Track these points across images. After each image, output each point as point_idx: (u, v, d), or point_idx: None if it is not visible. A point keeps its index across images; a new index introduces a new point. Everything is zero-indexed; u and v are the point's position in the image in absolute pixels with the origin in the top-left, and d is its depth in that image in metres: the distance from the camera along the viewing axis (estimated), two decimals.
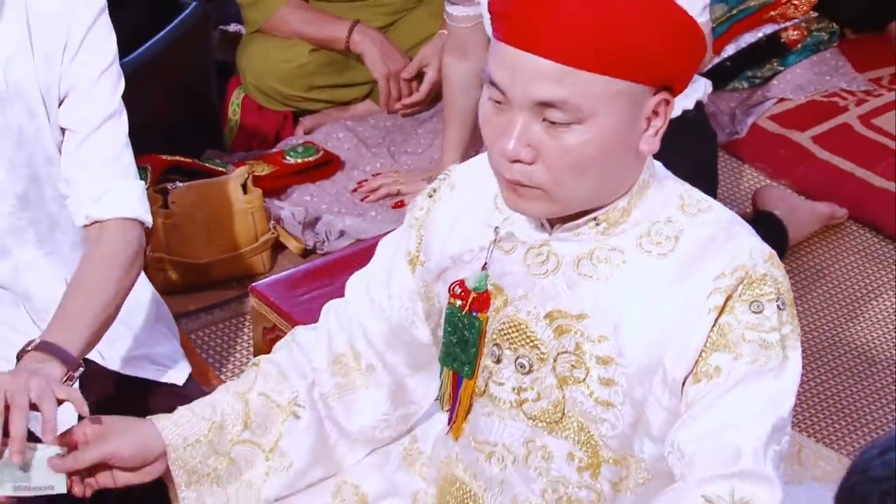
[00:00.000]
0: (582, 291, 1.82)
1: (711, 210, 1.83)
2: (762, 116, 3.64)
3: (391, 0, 3.54)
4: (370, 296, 2.01)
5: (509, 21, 1.70)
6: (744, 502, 1.71)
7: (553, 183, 1.72)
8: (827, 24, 3.88)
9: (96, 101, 2.31)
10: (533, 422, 1.88)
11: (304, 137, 3.44)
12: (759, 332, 1.75)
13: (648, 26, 1.69)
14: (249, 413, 1.99)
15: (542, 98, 1.67)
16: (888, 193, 3.38)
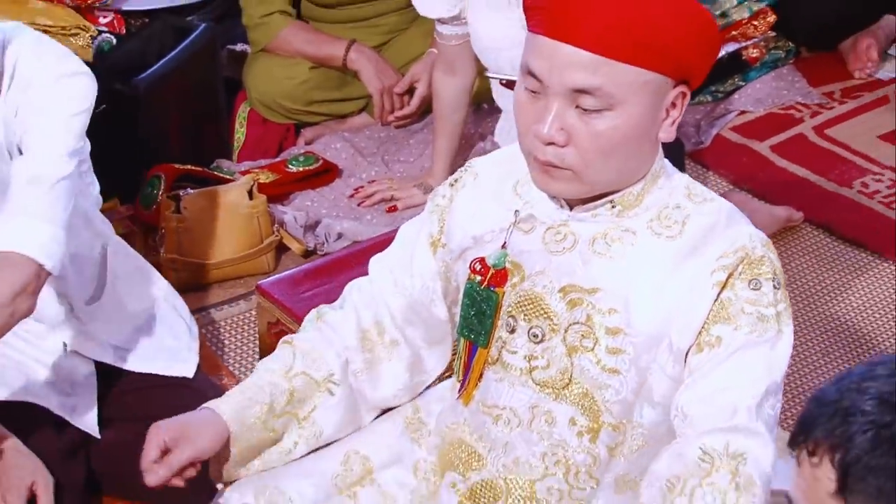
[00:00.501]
0: (595, 268, 1.85)
1: (715, 200, 1.87)
2: (725, 127, 3.64)
3: (385, 21, 3.52)
4: (393, 276, 2.04)
5: (547, 15, 1.73)
6: (737, 453, 1.73)
7: (583, 165, 1.76)
8: (784, 43, 3.88)
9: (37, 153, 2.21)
10: (540, 388, 1.90)
11: (305, 147, 3.43)
12: (757, 306, 1.79)
13: (677, 23, 1.73)
14: (293, 391, 2.00)
15: (578, 85, 1.71)
16: (841, 198, 3.39)
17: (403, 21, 3.51)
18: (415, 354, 2.06)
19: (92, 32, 3.18)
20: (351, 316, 2.05)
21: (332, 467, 2.00)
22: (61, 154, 2.18)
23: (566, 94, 1.72)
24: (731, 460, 1.74)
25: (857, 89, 3.78)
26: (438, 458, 2.00)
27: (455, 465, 1.97)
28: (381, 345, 2.05)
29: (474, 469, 1.96)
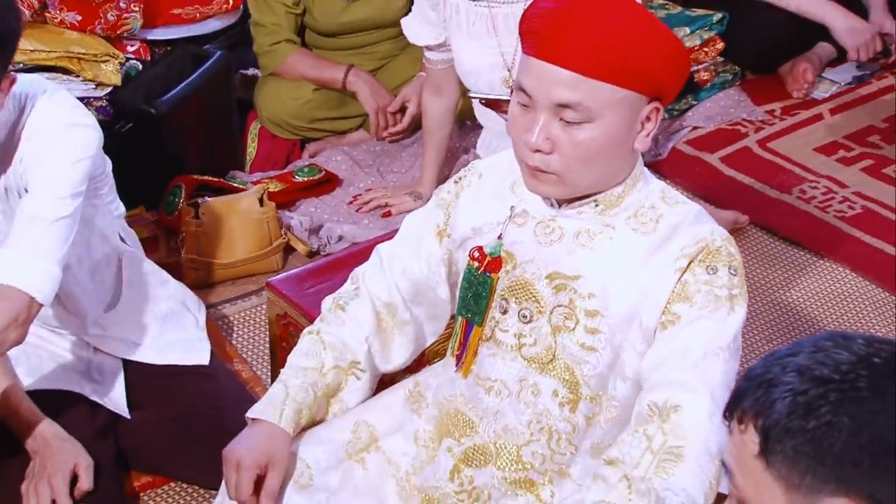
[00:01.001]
0: (578, 258, 1.87)
1: (686, 203, 1.89)
2: (680, 141, 3.63)
3: (379, 48, 3.51)
4: (403, 264, 2.05)
5: (538, 39, 1.76)
6: (671, 405, 1.77)
7: (565, 169, 1.78)
8: (731, 67, 3.87)
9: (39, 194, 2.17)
10: (528, 363, 1.91)
11: (309, 160, 3.42)
12: (711, 286, 1.81)
13: (650, 48, 1.76)
14: (328, 385, 2.02)
15: (561, 100, 1.73)
16: (782, 203, 3.38)
17: (395, 48, 3.50)
18: (418, 329, 2.08)
19: (120, 59, 3.16)
20: (367, 303, 2.04)
21: (343, 436, 1.99)
22: (61, 196, 2.15)
23: (551, 107, 1.74)
24: (666, 411, 1.77)
25: (795, 107, 3.77)
26: (435, 426, 2.00)
27: (451, 432, 1.97)
28: (393, 324, 2.06)
29: (468, 435, 1.95)
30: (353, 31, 3.43)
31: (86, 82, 3.10)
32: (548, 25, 1.73)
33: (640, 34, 1.74)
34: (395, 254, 2.05)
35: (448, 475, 1.95)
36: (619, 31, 1.72)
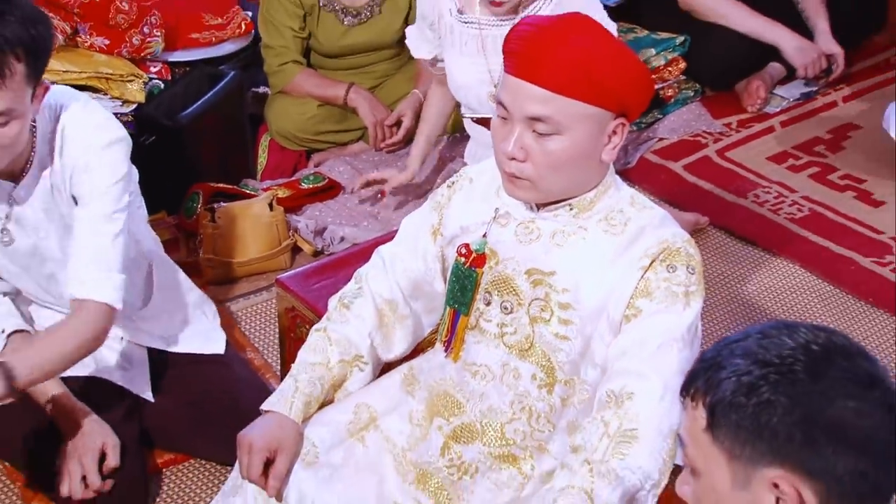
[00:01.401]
0: (554, 255, 1.86)
1: (653, 209, 1.89)
2: (647, 151, 3.61)
3: (377, 68, 3.50)
4: (403, 263, 2.04)
5: (515, 59, 1.76)
6: (625, 392, 1.77)
7: (538, 176, 1.78)
8: (692, 84, 3.86)
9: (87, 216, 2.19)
10: (509, 349, 1.91)
11: (314, 169, 3.41)
12: (670, 283, 1.81)
13: (616, 70, 1.76)
14: (335, 378, 2.02)
15: (533, 114, 1.74)
16: (738, 207, 3.37)
17: (392, 68, 3.49)
18: (417, 322, 2.07)
19: (144, 79, 3.18)
20: (369, 301, 2.04)
21: (345, 417, 1.99)
22: (113, 213, 2.17)
23: (525, 120, 1.74)
24: (621, 398, 1.77)
25: (750, 121, 3.76)
26: (427, 407, 2.00)
27: (441, 412, 1.97)
28: (395, 319, 2.05)
29: (456, 415, 1.95)
30: (353, 53, 3.42)
31: (113, 100, 3.11)
32: (524, 47, 1.74)
33: (607, 57, 1.74)
34: (395, 254, 2.04)
35: (439, 451, 1.94)
36: (587, 54, 1.72)
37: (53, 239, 2.24)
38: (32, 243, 2.23)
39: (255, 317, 2.91)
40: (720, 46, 3.72)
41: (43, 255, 2.26)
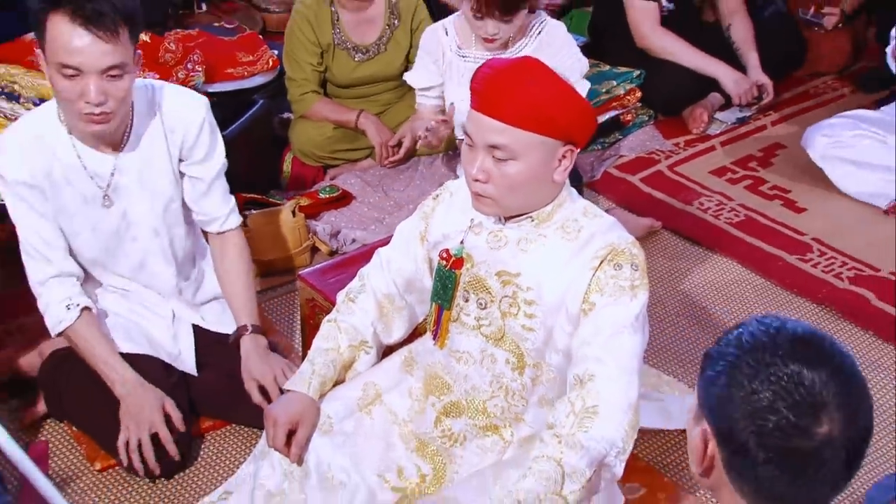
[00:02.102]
0: (519, 259, 1.87)
1: (603, 217, 1.89)
2: (610, 166, 3.60)
3: (383, 97, 3.47)
4: (398, 263, 2.05)
5: (477, 96, 1.77)
6: (587, 375, 1.78)
7: (498, 195, 1.79)
8: (647, 110, 3.84)
9: (213, 167, 2.31)
10: (486, 339, 1.93)
11: (330, 182, 3.39)
12: (616, 280, 1.81)
13: (561, 107, 1.76)
14: (345, 361, 2.03)
15: (493, 142, 1.75)
16: (686, 213, 3.37)
17: (395, 97, 3.47)
18: (412, 312, 2.07)
19: None
20: (371, 296, 2.05)
21: (354, 393, 2.01)
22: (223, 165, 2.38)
23: (486, 147, 1.75)
24: (584, 381, 1.78)
25: (695, 141, 3.75)
26: (423, 384, 2.01)
27: (433, 391, 1.99)
28: (393, 310, 2.06)
29: (445, 394, 1.98)
30: (363, 84, 3.41)
31: None
32: (485, 86, 1.75)
33: (554, 96, 1.74)
34: (391, 256, 2.05)
35: (433, 424, 1.98)
36: (537, 93, 1.73)
37: (144, 204, 2.25)
38: (124, 208, 2.24)
39: (280, 306, 2.91)
40: (670, 79, 3.73)
41: (130, 220, 2.26)
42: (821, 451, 1.09)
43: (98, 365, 2.22)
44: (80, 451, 2.37)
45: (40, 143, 2.13)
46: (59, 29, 1.93)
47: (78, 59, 1.93)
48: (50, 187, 2.16)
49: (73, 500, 2.25)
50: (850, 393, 1.11)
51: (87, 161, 2.16)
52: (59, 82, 1.98)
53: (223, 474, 2.30)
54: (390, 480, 1.92)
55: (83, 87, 1.96)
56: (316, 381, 1.96)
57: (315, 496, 1.90)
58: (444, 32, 2.81)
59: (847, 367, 1.13)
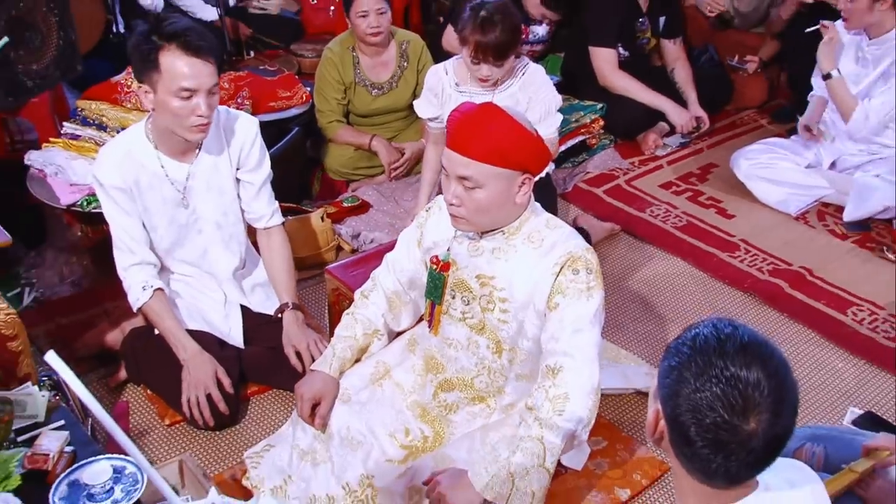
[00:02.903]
0: (494, 265, 1.85)
1: (563, 227, 1.87)
2: (579, 181, 3.60)
3: (393, 125, 3.46)
4: (401, 265, 2.03)
5: (449, 136, 1.76)
6: (557, 366, 1.77)
7: (469, 216, 1.79)
8: (608, 135, 3.83)
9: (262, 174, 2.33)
10: (470, 328, 1.91)
11: (351, 193, 3.39)
12: (575, 283, 1.79)
13: (518, 145, 1.75)
14: (361, 346, 2.03)
15: (461, 174, 1.74)
16: (640, 219, 3.36)
17: (404, 125, 3.47)
18: (416, 304, 2.05)
19: None
20: (381, 293, 2.05)
21: (368, 370, 2.01)
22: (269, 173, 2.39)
23: (457, 178, 1.74)
24: (554, 371, 1.77)
25: (646, 161, 3.75)
26: (423, 362, 2.01)
27: (431, 370, 1.99)
28: (400, 304, 2.05)
29: (440, 372, 1.97)
30: (378, 114, 3.42)
31: None
32: (454, 128, 1.74)
33: (510, 135, 1.72)
34: (395, 259, 2.04)
35: (432, 396, 1.97)
36: (496, 134, 1.71)
37: (210, 203, 2.29)
38: (195, 206, 2.28)
39: (311, 294, 2.90)
40: (626, 111, 3.74)
41: (198, 216, 2.29)
42: (748, 442, 1.08)
43: (166, 335, 2.25)
44: (153, 410, 2.39)
45: (130, 156, 2.19)
46: (174, 61, 2.01)
47: (194, 82, 2.02)
48: (137, 191, 2.21)
49: (147, 450, 2.26)
50: (779, 396, 1.09)
51: (168, 170, 2.21)
52: (173, 103, 2.04)
53: (266, 430, 2.31)
54: (399, 440, 1.91)
55: (195, 105, 2.05)
56: (336, 363, 1.98)
57: (338, 453, 1.91)
58: (445, 72, 2.81)
59: (781, 373, 1.11)
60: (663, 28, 3.82)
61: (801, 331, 2.78)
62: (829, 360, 2.65)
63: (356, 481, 1.87)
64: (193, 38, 2.01)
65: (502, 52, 2.56)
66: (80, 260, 2.80)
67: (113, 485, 1.60)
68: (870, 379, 2.57)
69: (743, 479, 1.15)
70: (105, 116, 2.80)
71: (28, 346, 1.90)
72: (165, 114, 2.08)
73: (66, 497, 1.58)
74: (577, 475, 2.10)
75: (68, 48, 2.70)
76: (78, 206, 2.68)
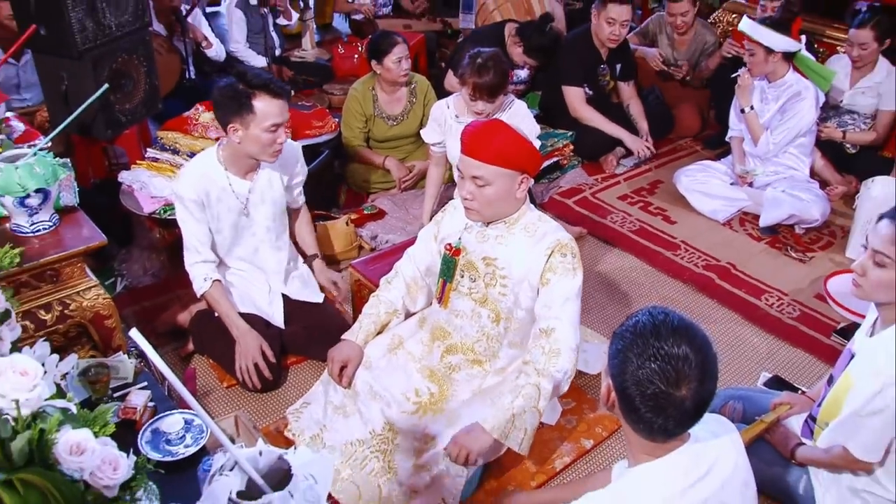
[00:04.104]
0: (497, 249, 1.84)
1: (551, 222, 1.86)
2: (553, 193, 3.59)
3: (405, 147, 3.46)
4: (421, 255, 2.00)
5: (464, 145, 1.75)
6: (550, 328, 1.75)
7: (480, 208, 1.78)
8: (577, 157, 3.83)
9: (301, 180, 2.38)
10: (474, 302, 1.89)
11: (371, 203, 3.37)
12: (563, 263, 1.78)
13: (518, 151, 1.74)
14: (383, 322, 2.00)
15: (473, 174, 1.74)
16: (603, 224, 3.36)
17: (413, 148, 3.47)
18: (428, 289, 2.03)
19: None
20: (401, 280, 2.04)
21: (386, 341, 2.00)
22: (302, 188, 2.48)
23: (470, 178, 1.75)
24: (547, 332, 1.77)
25: (607, 178, 3.75)
26: (430, 335, 2.00)
27: (438, 337, 1.98)
28: (417, 288, 2.04)
29: (447, 339, 1.97)
30: (392, 140, 3.41)
31: None
32: (468, 138, 1.75)
33: (512, 143, 1.73)
34: (416, 251, 2.04)
35: (439, 359, 1.97)
36: (501, 142, 1.72)
37: (263, 212, 2.32)
38: (252, 215, 2.31)
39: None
40: (592, 137, 3.75)
41: (253, 221, 2.32)
42: (680, 405, 1.11)
43: (223, 317, 2.28)
44: (214, 375, 2.40)
45: (205, 175, 2.23)
46: (266, 104, 2.09)
47: (281, 118, 2.11)
48: (208, 202, 2.25)
49: (210, 407, 2.27)
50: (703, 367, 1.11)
51: (234, 186, 2.26)
52: (263, 136, 2.12)
53: (303, 392, 2.27)
54: (410, 397, 1.91)
55: (278, 135, 2.13)
56: (362, 335, 1.99)
57: (364, 405, 1.93)
58: (447, 106, 2.84)
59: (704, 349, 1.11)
60: (619, 73, 3.84)
61: (726, 313, 2.81)
62: (747, 336, 2.70)
63: (380, 427, 1.88)
64: (276, 85, 2.10)
65: (494, 92, 2.59)
66: (158, 256, 2.84)
67: (185, 433, 1.64)
68: (777, 350, 2.63)
69: (678, 433, 1.18)
70: (178, 143, 2.85)
71: (119, 324, 1.92)
72: (253, 144, 2.13)
73: (150, 441, 1.63)
74: (551, 429, 2.12)
75: (152, 91, 2.79)
76: (156, 214, 2.73)
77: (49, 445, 1.02)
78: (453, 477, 1.80)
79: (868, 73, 3.44)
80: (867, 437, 1.63)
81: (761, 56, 3.11)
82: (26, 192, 1.75)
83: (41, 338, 1.59)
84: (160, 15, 3.81)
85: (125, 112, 2.69)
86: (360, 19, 5.08)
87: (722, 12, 4.36)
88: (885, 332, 1.66)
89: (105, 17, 2.47)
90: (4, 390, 1.00)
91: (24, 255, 1.72)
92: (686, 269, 3.03)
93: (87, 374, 1.71)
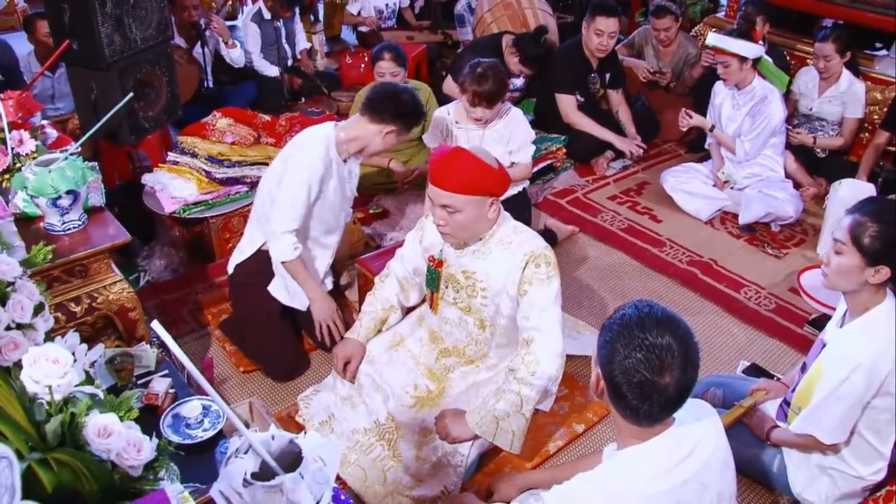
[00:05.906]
0: (475, 262, 1.82)
1: (525, 231, 1.83)
2: (547, 194, 3.59)
3: (408, 151, 3.45)
4: (408, 257, 1.99)
5: (432, 175, 1.72)
6: (530, 338, 1.73)
7: (453, 232, 1.76)
8: (569, 160, 3.82)
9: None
10: (460, 310, 1.89)
11: (376, 203, 3.36)
12: (538, 274, 1.75)
13: (483, 179, 1.71)
14: (382, 318, 2.00)
15: (443, 203, 1.72)
16: (594, 223, 3.36)
17: (415, 151, 3.45)
18: (420, 286, 2.03)
19: None
20: (394, 279, 2.05)
21: (387, 338, 2.01)
22: None
23: (440, 206, 1.73)
24: (528, 342, 1.76)
25: (598, 179, 3.75)
26: (428, 334, 2.00)
27: (434, 340, 1.99)
28: (408, 286, 2.04)
29: (440, 343, 1.98)
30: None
31: None
32: (434, 168, 1.72)
33: (476, 172, 1.70)
34: (404, 252, 2.03)
35: (434, 361, 1.97)
36: (465, 171, 1.69)
37: (338, 198, 2.29)
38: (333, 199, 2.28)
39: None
40: (583, 141, 3.75)
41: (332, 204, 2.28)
42: (664, 392, 1.11)
43: (300, 282, 2.22)
44: (231, 363, 2.40)
45: (327, 158, 2.19)
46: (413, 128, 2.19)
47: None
48: (325, 178, 2.20)
49: (226, 394, 2.26)
50: (686, 357, 1.10)
51: (339, 169, 2.26)
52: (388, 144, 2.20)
53: (314, 380, 2.30)
54: (409, 392, 1.91)
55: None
56: (363, 332, 1.99)
57: (369, 396, 1.94)
58: (447, 112, 2.85)
59: (686, 339, 1.11)
60: (609, 81, 3.84)
61: (708, 306, 2.82)
62: (728, 327, 2.71)
63: (384, 417, 1.89)
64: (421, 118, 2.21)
65: (493, 99, 2.60)
66: (178, 253, 2.85)
67: (203, 418, 1.66)
68: (755, 339, 2.64)
69: (663, 418, 1.18)
70: (197, 147, 2.86)
71: (142, 315, 1.93)
72: (383, 146, 2.21)
73: (171, 425, 1.65)
74: (545, 415, 2.13)
75: (173, 99, 2.82)
76: (177, 214, 2.73)
77: (79, 428, 1.03)
78: (454, 466, 1.80)
79: (833, 84, 3.50)
80: (832, 422, 1.66)
81: (736, 66, 3.16)
82: (58, 194, 1.77)
83: (71, 328, 1.62)
84: (181, 29, 3.86)
85: (148, 119, 2.73)
86: (367, 31, 5.08)
87: (703, 27, 4.39)
88: (853, 323, 1.67)
89: (131, 32, 2.51)
90: (38, 377, 1.02)
91: (56, 251, 1.74)
92: (671, 264, 3.03)
93: (113, 362, 1.72)
